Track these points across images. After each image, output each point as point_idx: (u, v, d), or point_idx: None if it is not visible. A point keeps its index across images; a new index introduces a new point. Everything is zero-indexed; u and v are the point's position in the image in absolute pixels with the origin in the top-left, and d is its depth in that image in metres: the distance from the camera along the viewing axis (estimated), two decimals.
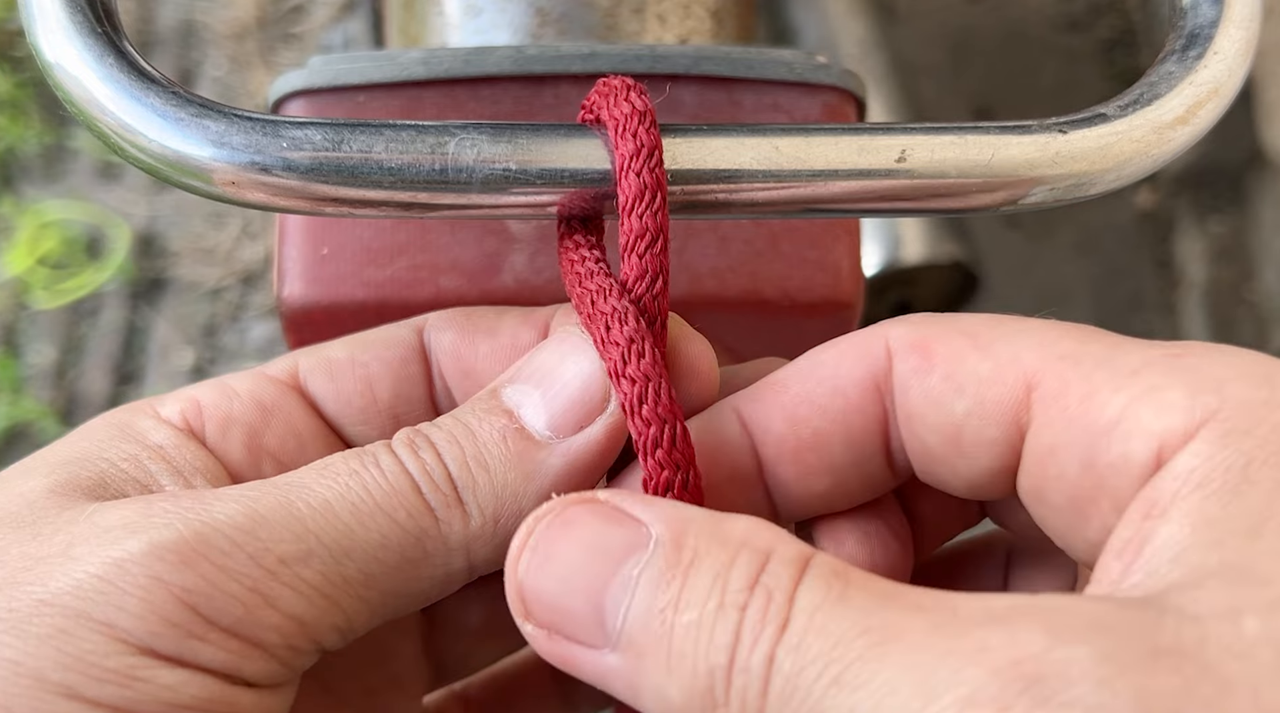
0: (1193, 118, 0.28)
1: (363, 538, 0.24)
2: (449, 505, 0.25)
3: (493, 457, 0.25)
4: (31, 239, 1.25)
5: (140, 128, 0.26)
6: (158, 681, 0.21)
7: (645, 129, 0.26)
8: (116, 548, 0.22)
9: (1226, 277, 1.21)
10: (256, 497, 0.23)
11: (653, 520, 0.22)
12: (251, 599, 0.22)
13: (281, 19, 1.35)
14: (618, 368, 0.25)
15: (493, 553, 0.25)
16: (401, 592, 0.25)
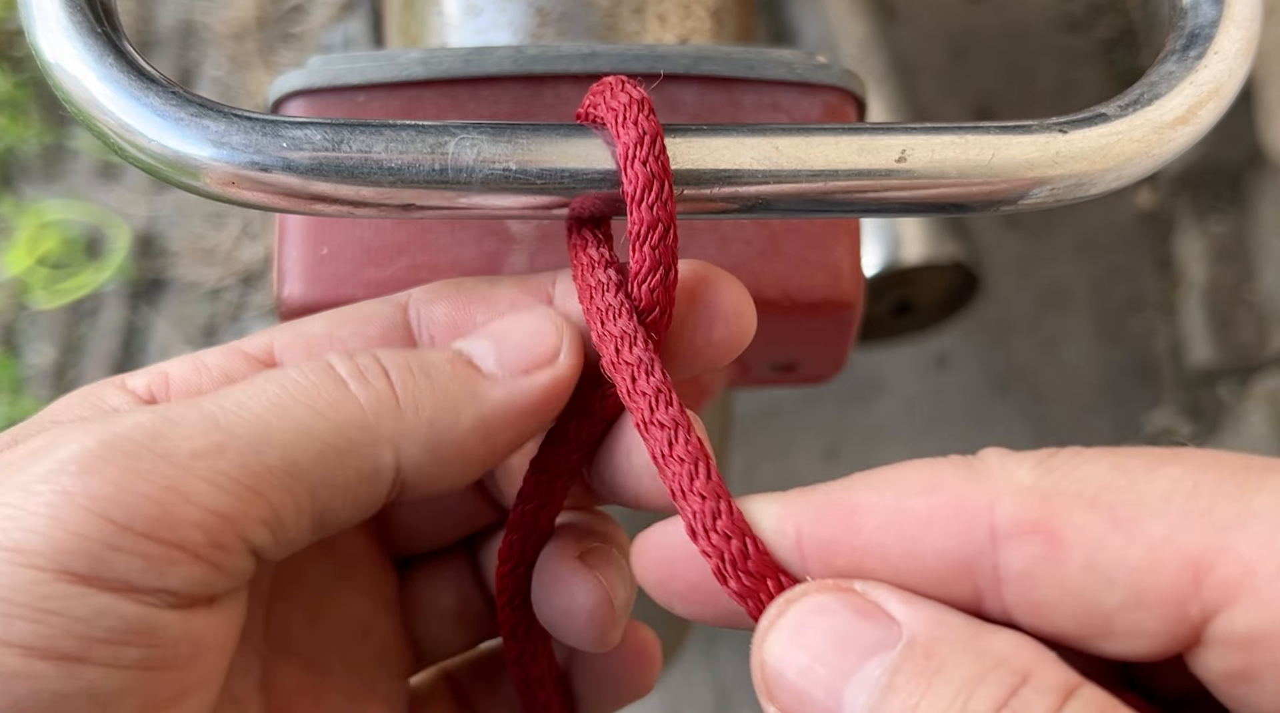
0: (1193, 118, 0.28)
1: (279, 426, 0.23)
2: (380, 398, 0.24)
3: (438, 370, 0.25)
4: (31, 239, 1.25)
5: (140, 128, 0.26)
6: (72, 611, 0.20)
7: (645, 117, 0.26)
8: (22, 474, 0.21)
9: (1226, 277, 1.21)
10: (169, 406, 0.23)
11: (907, 620, 0.21)
12: (166, 497, 0.21)
13: (281, 19, 1.35)
14: (611, 357, 0.26)
15: (421, 457, 0.25)
16: (328, 482, 0.23)
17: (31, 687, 0.20)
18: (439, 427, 0.25)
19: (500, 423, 0.26)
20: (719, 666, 1.14)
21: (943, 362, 1.24)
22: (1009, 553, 0.21)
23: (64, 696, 0.20)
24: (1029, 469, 0.22)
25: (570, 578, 0.28)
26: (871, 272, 0.86)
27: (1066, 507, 0.21)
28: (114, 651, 0.21)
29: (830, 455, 1.21)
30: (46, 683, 0.20)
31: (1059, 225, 1.27)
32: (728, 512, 0.23)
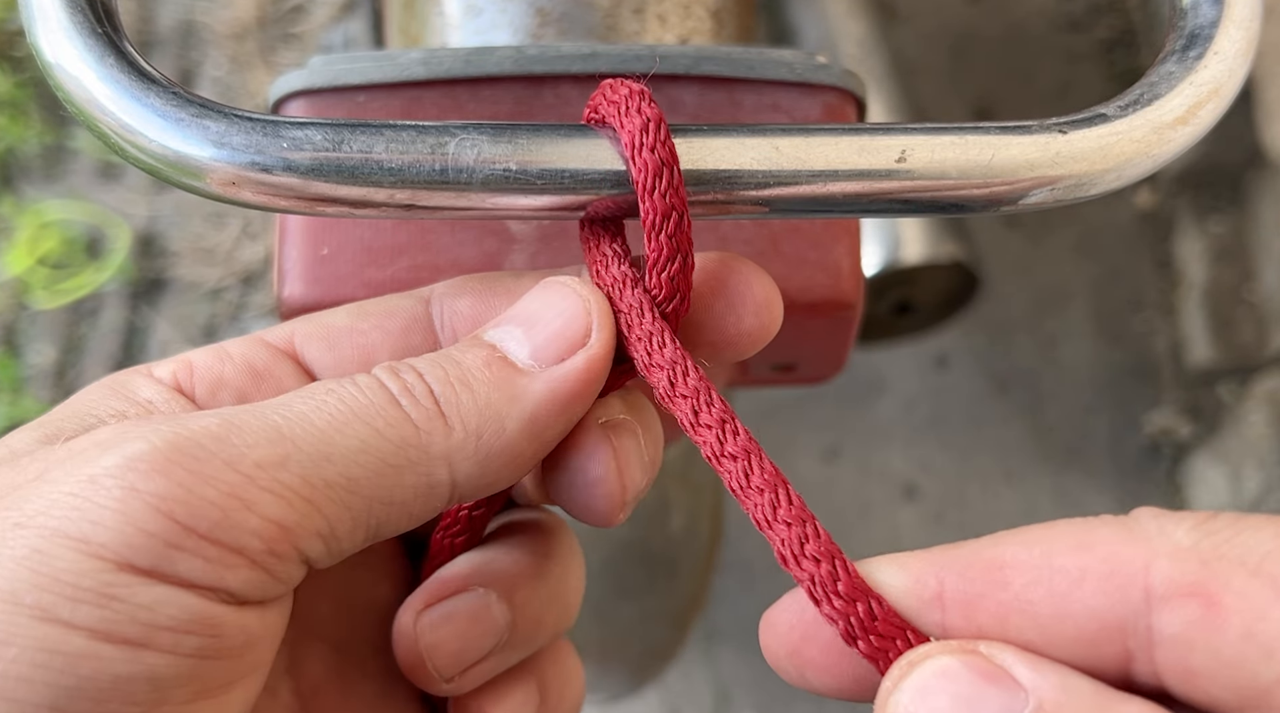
0: (1193, 118, 0.28)
1: (341, 444, 0.23)
2: (430, 417, 0.25)
3: (476, 379, 0.25)
4: (31, 239, 1.25)
5: (140, 128, 0.26)
6: (135, 599, 0.21)
7: (647, 105, 0.26)
8: (90, 466, 0.21)
9: (1226, 277, 1.21)
10: (233, 411, 0.23)
11: (1034, 685, 0.20)
12: (229, 503, 0.22)
13: (281, 19, 1.35)
14: (643, 359, 0.27)
15: (475, 469, 0.25)
16: (384, 499, 0.24)
17: (96, 668, 0.20)
18: (488, 437, 0.25)
19: (545, 418, 0.26)
20: (719, 666, 1.14)
21: (943, 362, 1.24)
22: (1165, 615, 0.20)
23: (125, 678, 0.21)
24: (1187, 530, 0.21)
25: (591, 448, 0.27)
26: (871, 272, 0.86)
27: (1227, 572, 0.20)
28: (175, 639, 0.21)
29: (830, 455, 1.21)
30: (110, 665, 0.21)
31: (1059, 225, 1.27)
32: (845, 573, 0.23)
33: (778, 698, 1.13)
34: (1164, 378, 1.23)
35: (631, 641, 0.75)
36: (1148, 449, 1.20)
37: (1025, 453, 1.20)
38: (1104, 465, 1.19)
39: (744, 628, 1.16)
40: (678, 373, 0.26)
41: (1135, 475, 1.19)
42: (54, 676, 0.20)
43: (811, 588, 0.23)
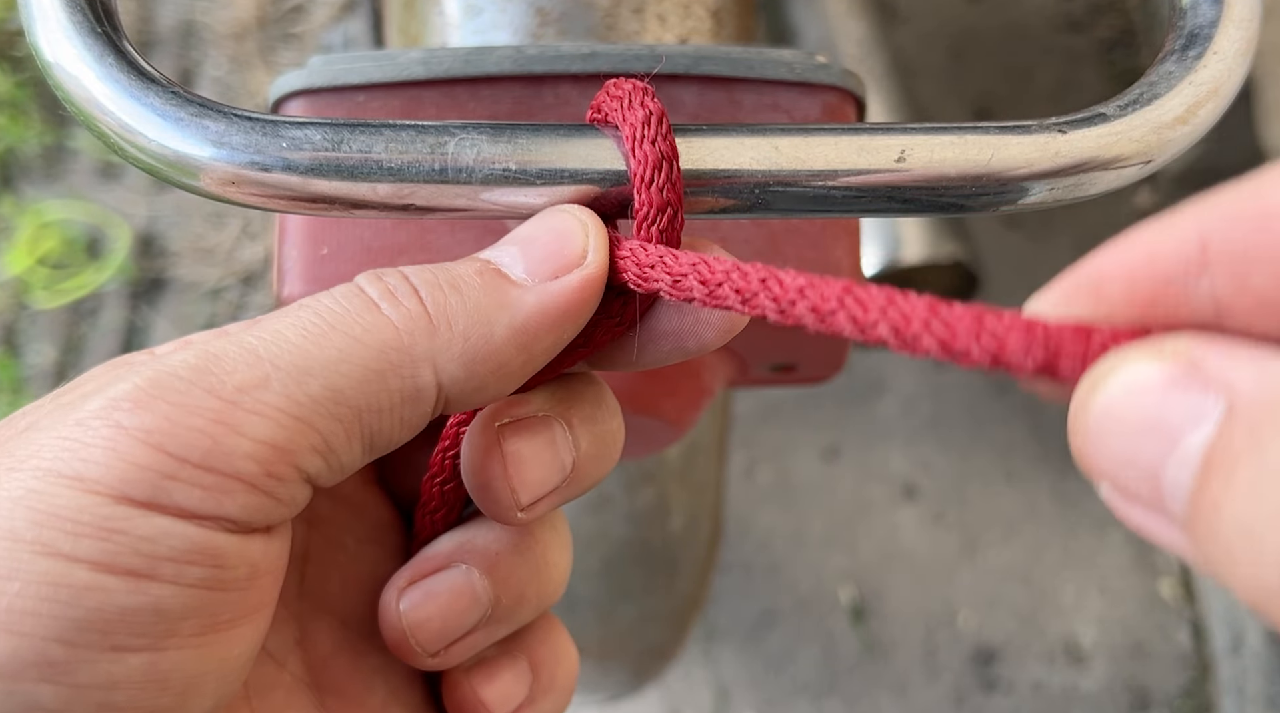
0: (1192, 118, 0.28)
1: (319, 356, 0.23)
2: (412, 317, 0.24)
3: (467, 283, 0.25)
4: (31, 239, 1.25)
5: (140, 128, 0.26)
6: (135, 531, 0.21)
7: (650, 99, 0.26)
8: (76, 411, 0.22)
9: None
10: (208, 340, 0.23)
11: (1235, 381, 0.17)
12: (217, 430, 0.22)
13: (281, 19, 1.35)
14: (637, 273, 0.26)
15: (460, 372, 0.25)
16: (373, 406, 0.24)
17: (101, 599, 0.21)
18: (474, 340, 0.25)
19: (535, 330, 0.25)
20: (719, 666, 1.14)
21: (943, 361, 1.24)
22: None
23: (131, 609, 0.21)
24: None
25: (486, 451, 0.28)
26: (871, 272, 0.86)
27: None
28: (178, 569, 0.21)
29: (830, 455, 1.21)
30: (115, 597, 0.21)
31: (1059, 225, 1.27)
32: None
33: (778, 698, 1.14)
34: None
35: (631, 640, 0.75)
36: None
37: (1025, 453, 1.20)
38: None
39: (744, 628, 1.16)
40: (671, 260, 0.26)
41: None
42: (60, 608, 0.20)
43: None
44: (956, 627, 1.15)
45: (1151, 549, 1.17)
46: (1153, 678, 1.13)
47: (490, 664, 0.30)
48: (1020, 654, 1.14)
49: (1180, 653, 1.14)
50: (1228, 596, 1.11)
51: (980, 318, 0.21)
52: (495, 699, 0.30)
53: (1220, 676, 1.11)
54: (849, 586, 1.16)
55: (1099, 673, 1.14)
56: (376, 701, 0.30)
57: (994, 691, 1.13)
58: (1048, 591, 1.16)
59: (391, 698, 0.30)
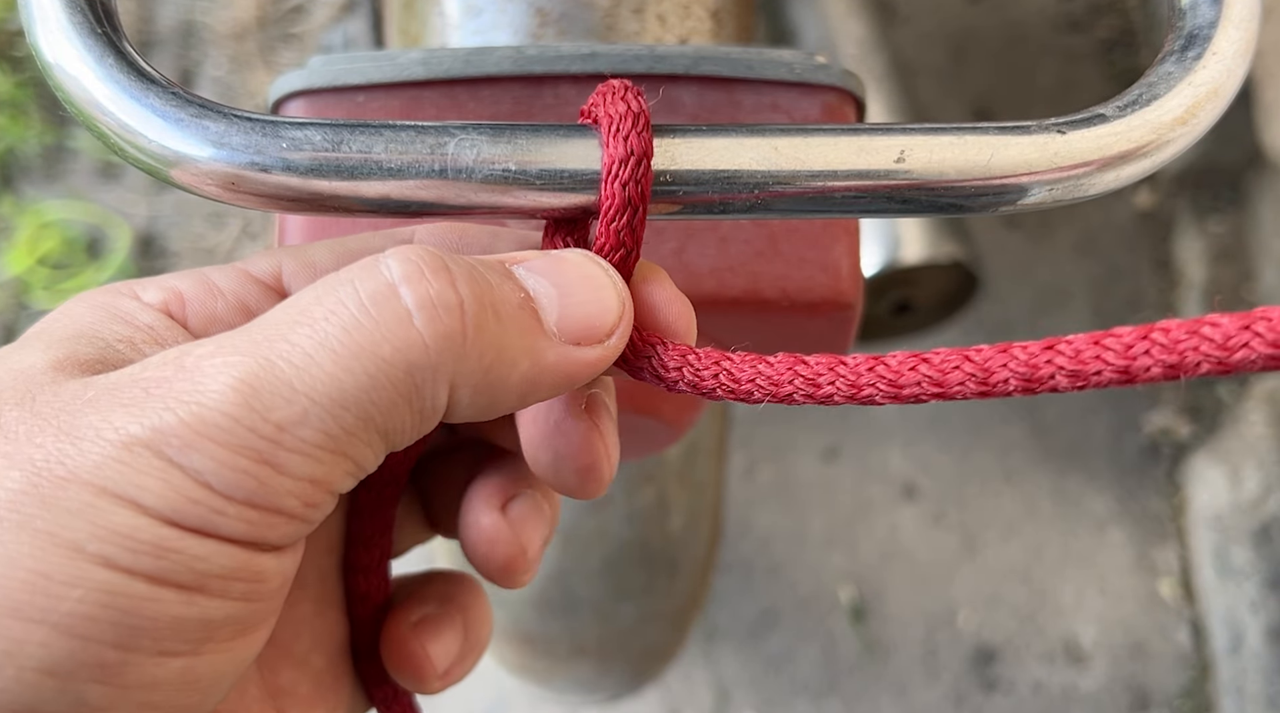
0: (1192, 118, 0.28)
1: (352, 385, 0.23)
2: (446, 336, 0.24)
3: (509, 315, 0.25)
4: (32, 239, 1.25)
5: (140, 128, 0.26)
6: (190, 551, 0.22)
7: (637, 134, 0.26)
8: (119, 430, 0.22)
9: (1226, 277, 1.21)
10: (240, 363, 0.23)
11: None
12: (261, 471, 0.23)
13: (281, 19, 1.35)
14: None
15: (466, 398, 0.25)
16: (396, 428, 0.24)
17: (157, 610, 0.22)
18: (492, 376, 0.25)
19: (543, 384, 0.26)
20: (719, 666, 1.14)
21: None
22: None
23: (182, 619, 0.22)
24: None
25: (494, 534, 0.32)
26: (871, 272, 0.86)
27: None
28: (225, 584, 0.23)
29: (830, 455, 1.21)
30: (170, 608, 0.22)
31: (1059, 225, 1.27)
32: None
33: (778, 698, 1.14)
34: None
35: (631, 640, 0.75)
36: (1147, 449, 1.20)
37: (1025, 453, 1.20)
38: (1104, 465, 1.19)
39: (744, 628, 1.16)
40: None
41: (1135, 475, 1.19)
42: (119, 615, 0.21)
43: None
44: (956, 627, 1.15)
45: (1151, 549, 1.17)
46: (1153, 678, 1.13)
47: (434, 622, 0.33)
48: (1020, 654, 1.14)
49: (1180, 653, 1.14)
50: (1228, 596, 1.11)
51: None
52: (439, 654, 0.33)
53: (1220, 676, 1.11)
54: (849, 586, 1.16)
55: (1099, 673, 1.14)
56: (302, 648, 0.31)
57: (994, 691, 1.13)
58: (1047, 591, 1.16)
59: (315, 645, 0.32)
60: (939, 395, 0.23)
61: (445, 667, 0.33)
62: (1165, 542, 1.18)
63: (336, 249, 0.29)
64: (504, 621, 0.73)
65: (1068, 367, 0.22)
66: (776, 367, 0.25)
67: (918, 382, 0.23)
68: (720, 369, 0.26)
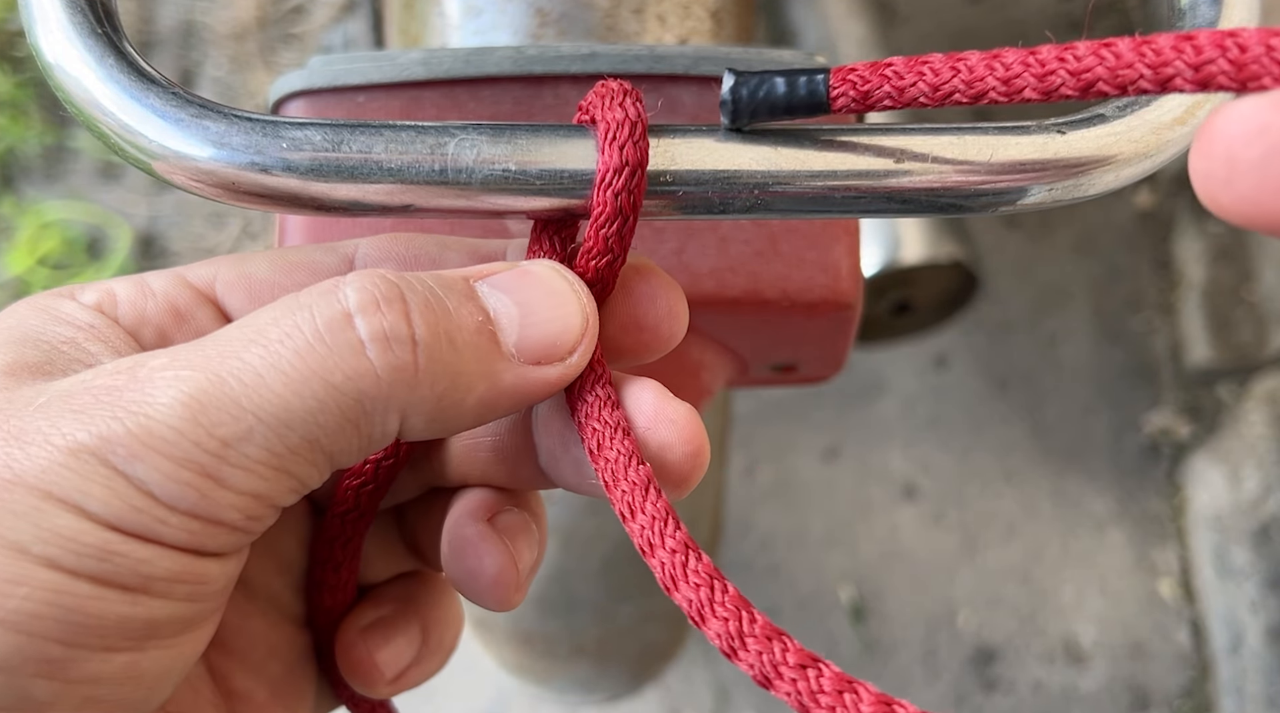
0: (1191, 118, 0.28)
1: (300, 407, 0.23)
2: (398, 368, 0.24)
3: (464, 341, 0.25)
4: (32, 239, 1.25)
5: (140, 128, 0.26)
6: (133, 555, 0.23)
7: (633, 143, 0.26)
8: (66, 436, 0.23)
9: (1226, 277, 1.21)
10: (191, 377, 0.23)
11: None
12: (204, 484, 0.23)
13: (282, 19, 1.35)
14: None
15: (422, 424, 0.25)
16: (343, 449, 0.25)
17: (102, 609, 0.23)
18: (446, 403, 0.25)
19: (499, 405, 0.26)
20: (719, 666, 1.14)
21: (942, 362, 1.24)
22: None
23: (127, 619, 0.23)
24: None
25: (479, 543, 0.30)
26: (871, 272, 0.86)
27: None
28: (169, 586, 0.23)
29: (830, 455, 1.21)
30: (114, 607, 0.23)
31: (1059, 225, 1.27)
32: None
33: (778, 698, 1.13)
34: (1163, 378, 1.23)
35: (631, 640, 0.75)
36: (1147, 449, 1.20)
37: (1025, 453, 1.20)
38: (1103, 465, 1.19)
39: None
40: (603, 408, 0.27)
41: (1135, 475, 1.19)
42: (64, 613, 0.22)
43: None
44: (956, 627, 1.15)
45: (1151, 549, 1.17)
46: (1152, 678, 1.13)
47: (385, 627, 0.32)
48: (1020, 654, 1.14)
49: (1180, 653, 1.14)
50: (1227, 596, 1.11)
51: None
52: (386, 661, 0.32)
53: (1220, 676, 1.11)
54: (849, 586, 1.16)
55: (1099, 673, 1.14)
56: (257, 657, 0.31)
57: (994, 691, 1.13)
58: (1047, 590, 1.16)
59: (271, 655, 0.32)
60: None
61: (395, 672, 0.32)
62: (1165, 542, 1.18)
63: (276, 261, 0.29)
64: (504, 621, 0.73)
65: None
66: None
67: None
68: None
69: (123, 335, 0.28)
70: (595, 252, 0.27)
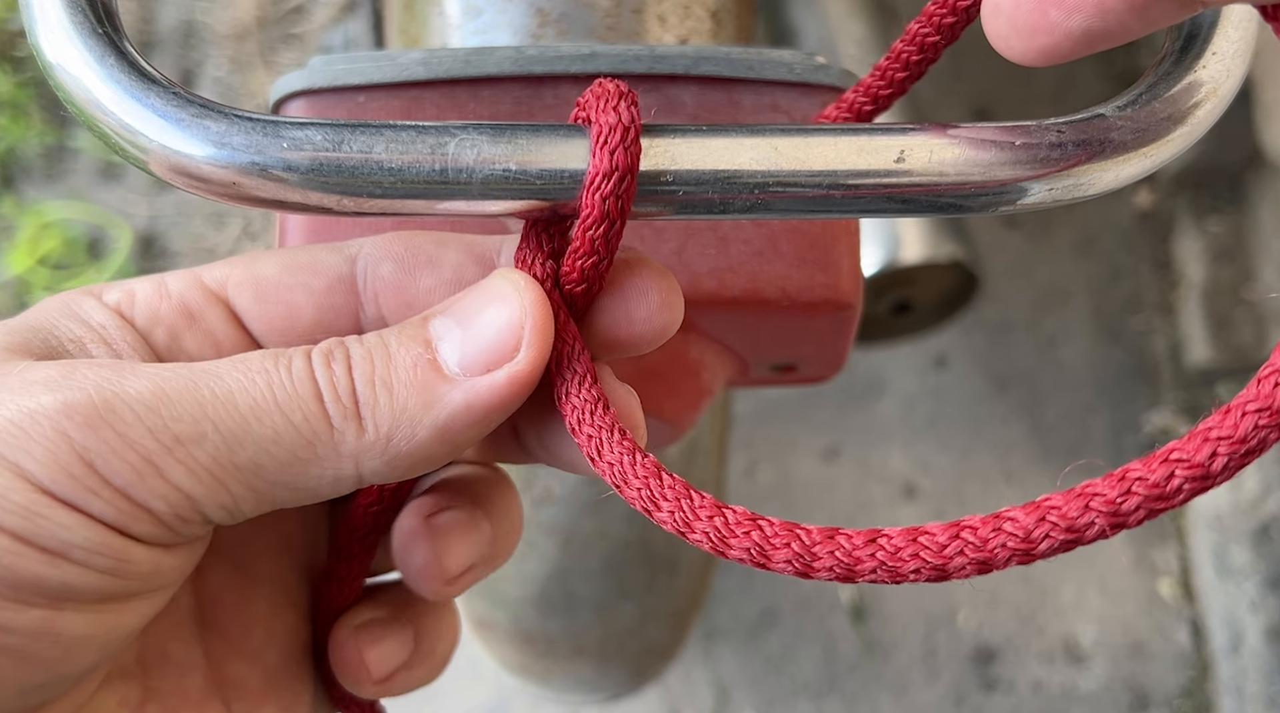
0: (1191, 118, 0.28)
1: (256, 431, 0.25)
2: (346, 417, 0.26)
3: (400, 381, 0.26)
4: (33, 239, 1.25)
5: (141, 128, 0.26)
6: (55, 519, 0.24)
7: (624, 148, 0.26)
8: (32, 400, 0.24)
9: (1226, 277, 1.21)
10: (169, 376, 0.25)
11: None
12: (144, 468, 0.24)
13: (282, 19, 1.35)
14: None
15: (382, 466, 0.27)
16: (289, 484, 0.26)
17: (16, 563, 0.24)
18: (398, 440, 0.26)
19: (459, 427, 0.27)
20: (719, 666, 1.14)
21: (942, 362, 1.24)
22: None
23: (42, 578, 0.24)
24: None
25: (410, 539, 0.31)
26: (871, 271, 0.86)
27: None
28: (87, 555, 0.24)
29: (830, 455, 1.21)
30: (31, 564, 0.24)
31: (1059, 225, 1.27)
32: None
33: (778, 698, 1.14)
34: (1163, 378, 1.23)
35: (632, 640, 0.75)
36: (1147, 449, 1.20)
37: (1025, 453, 1.20)
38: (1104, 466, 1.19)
39: (744, 628, 1.16)
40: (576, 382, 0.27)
41: None
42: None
43: None
44: (956, 627, 1.15)
45: (1151, 549, 1.17)
46: (1152, 678, 1.13)
47: (378, 627, 0.33)
48: (1020, 654, 1.14)
49: (1180, 653, 1.14)
50: (1227, 595, 1.11)
51: None
52: (375, 660, 0.32)
53: (1219, 675, 1.11)
54: (849, 585, 1.16)
55: (1099, 673, 1.14)
56: (254, 643, 0.32)
57: (994, 691, 1.13)
58: (1047, 590, 1.16)
59: (269, 642, 0.32)
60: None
61: (383, 673, 0.32)
62: (1165, 542, 1.18)
63: (283, 261, 0.30)
64: (504, 620, 0.73)
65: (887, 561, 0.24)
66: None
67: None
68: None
69: (132, 337, 0.29)
70: (581, 252, 0.27)
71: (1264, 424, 0.22)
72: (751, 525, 0.24)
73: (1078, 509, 0.23)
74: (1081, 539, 0.23)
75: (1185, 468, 0.22)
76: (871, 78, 0.32)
